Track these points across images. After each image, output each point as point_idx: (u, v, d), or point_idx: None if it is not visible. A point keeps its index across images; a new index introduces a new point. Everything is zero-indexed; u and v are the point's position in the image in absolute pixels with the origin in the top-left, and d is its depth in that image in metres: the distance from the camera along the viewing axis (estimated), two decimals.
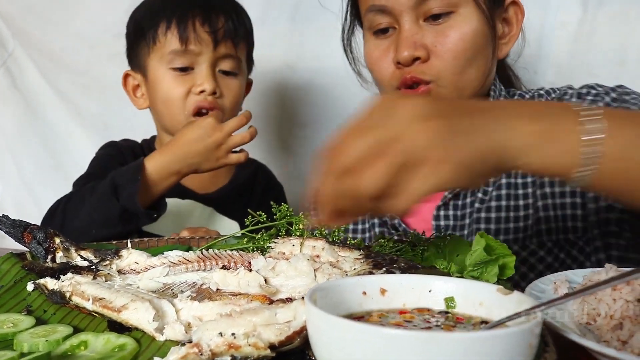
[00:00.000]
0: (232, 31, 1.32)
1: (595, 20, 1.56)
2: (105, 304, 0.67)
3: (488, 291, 0.59)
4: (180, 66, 1.31)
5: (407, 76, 1.07)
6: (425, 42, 1.07)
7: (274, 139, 1.90)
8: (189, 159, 1.20)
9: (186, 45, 1.29)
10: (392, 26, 1.10)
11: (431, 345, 0.43)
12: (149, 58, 1.34)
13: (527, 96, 1.22)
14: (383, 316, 0.59)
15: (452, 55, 1.06)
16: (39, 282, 0.75)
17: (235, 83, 1.36)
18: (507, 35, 1.15)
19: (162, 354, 0.60)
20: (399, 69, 1.09)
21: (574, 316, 0.70)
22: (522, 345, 0.45)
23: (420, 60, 1.07)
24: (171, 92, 1.32)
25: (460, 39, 1.06)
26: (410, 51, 1.06)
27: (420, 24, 1.07)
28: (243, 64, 1.38)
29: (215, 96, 1.32)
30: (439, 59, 1.06)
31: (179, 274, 0.78)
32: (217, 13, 1.31)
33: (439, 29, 1.07)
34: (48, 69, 2.03)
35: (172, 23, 1.29)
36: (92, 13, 1.93)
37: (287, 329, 0.57)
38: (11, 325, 0.67)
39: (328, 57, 1.78)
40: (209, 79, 1.30)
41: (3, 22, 2.06)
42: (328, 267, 0.72)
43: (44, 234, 0.81)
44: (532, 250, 1.11)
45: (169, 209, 1.34)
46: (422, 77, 1.07)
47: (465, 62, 1.07)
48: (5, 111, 2.09)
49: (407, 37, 1.07)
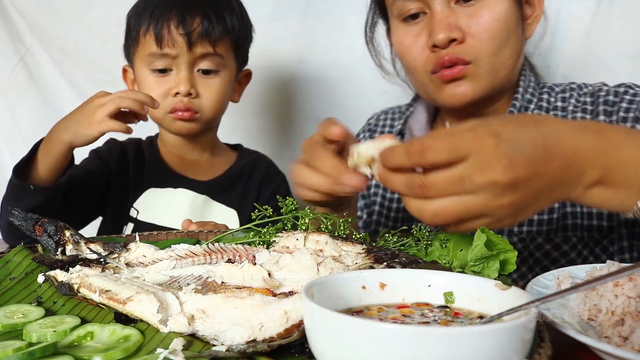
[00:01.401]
0: (209, 31, 1.32)
1: (609, 13, 1.54)
2: (111, 296, 0.68)
3: (486, 286, 0.59)
4: (159, 68, 1.34)
5: (445, 57, 1.07)
6: (459, 23, 1.07)
7: (285, 132, 1.91)
8: (68, 122, 1.19)
9: (162, 47, 1.32)
10: (423, 11, 1.10)
11: (420, 339, 0.43)
12: (135, 57, 1.39)
13: (557, 89, 1.22)
14: (382, 310, 0.60)
15: (488, 35, 1.06)
16: (49, 274, 0.76)
17: (216, 81, 1.38)
18: (531, 16, 1.15)
19: (166, 345, 0.61)
20: (433, 52, 1.08)
21: (576, 312, 0.70)
22: (514, 340, 0.46)
23: (456, 42, 1.06)
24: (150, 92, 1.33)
25: (495, 19, 1.06)
26: (446, 33, 1.05)
27: (452, 6, 1.07)
28: (227, 59, 1.39)
29: (191, 97, 1.35)
30: (475, 40, 1.06)
31: (186, 267, 0.80)
32: (193, 14, 1.32)
33: (472, 10, 1.07)
34: (63, 63, 2.05)
35: (150, 26, 1.32)
36: (105, 8, 1.95)
37: (285, 322, 0.58)
38: (21, 315, 0.69)
39: (339, 51, 1.78)
40: (183, 81, 1.33)
41: (21, 18, 2.09)
42: (331, 261, 0.72)
43: (54, 227, 0.83)
44: (556, 244, 1.12)
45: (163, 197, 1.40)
46: (461, 56, 1.07)
47: (501, 43, 1.08)
48: (22, 105, 2.12)
49: (441, 19, 1.06)
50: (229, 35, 1.36)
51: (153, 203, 1.42)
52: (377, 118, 1.44)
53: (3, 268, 0.80)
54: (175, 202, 1.42)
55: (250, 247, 0.81)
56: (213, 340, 0.62)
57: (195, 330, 0.64)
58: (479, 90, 1.10)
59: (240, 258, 0.79)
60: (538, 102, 1.20)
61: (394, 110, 1.42)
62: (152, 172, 1.45)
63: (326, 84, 1.82)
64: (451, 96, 1.11)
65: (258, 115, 1.90)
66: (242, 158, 1.54)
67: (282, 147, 1.91)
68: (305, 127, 1.88)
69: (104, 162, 1.42)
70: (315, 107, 1.84)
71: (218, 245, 0.82)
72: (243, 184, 1.49)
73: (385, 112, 1.43)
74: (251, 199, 1.46)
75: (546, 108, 1.20)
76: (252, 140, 1.90)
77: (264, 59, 1.80)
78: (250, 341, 0.59)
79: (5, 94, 2.12)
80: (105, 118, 1.16)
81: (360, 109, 1.75)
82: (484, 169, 0.63)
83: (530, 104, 1.19)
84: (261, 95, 1.87)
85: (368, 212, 1.35)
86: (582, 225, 1.11)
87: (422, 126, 1.28)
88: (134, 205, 1.41)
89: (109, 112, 1.16)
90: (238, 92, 1.51)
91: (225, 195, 1.46)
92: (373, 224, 1.33)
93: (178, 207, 1.42)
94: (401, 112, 1.39)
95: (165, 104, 1.35)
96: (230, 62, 1.40)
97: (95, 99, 1.19)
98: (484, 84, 1.10)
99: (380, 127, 1.40)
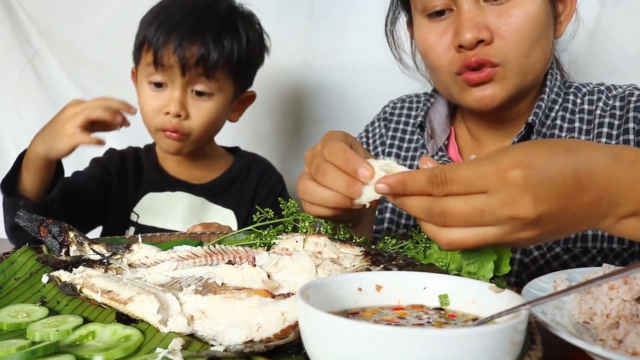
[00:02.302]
0: (205, 58, 1.32)
1: (613, 16, 1.54)
2: (113, 296, 0.70)
3: (480, 289, 0.60)
4: (156, 81, 1.36)
5: (472, 59, 1.01)
6: (488, 23, 1.01)
7: (291, 135, 1.93)
8: (46, 137, 1.19)
9: (157, 68, 1.33)
10: (449, 7, 1.04)
11: (410, 341, 0.44)
12: (138, 65, 1.41)
13: (585, 90, 1.17)
14: (377, 312, 0.60)
15: (518, 36, 1.01)
16: (53, 275, 0.78)
17: (208, 105, 1.37)
18: (562, 14, 1.10)
19: (165, 345, 0.62)
20: (459, 52, 1.03)
21: (572, 315, 0.71)
22: (504, 342, 0.47)
23: (484, 43, 1.01)
24: (145, 107, 1.38)
25: (526, 18, 1.00)
26: (474, 33, 1.00)
27: (481, 4, 1.02)
28: (223, 85, 1.39)
29: (180, 118, 1.35)
30: (504, 41, 1.01)
31: (187, 268, 0.81)
32: (192, 40, 1.32)
33: (502, 9, 1.01)
34: (71, 65, 2.08)
35: (151, 42, 1.33)
36: (112, 10, 1.97)
37: (282, 322, 0.59)
38: (25, 315, 0.71)
39: (344, 54, 1.79)
40: (175, 101, 1.34)
41: (29, 20, 2.11)
42: (329, 263, 0.73)
43: (58, 228, 0.85)
44: (575, 254, 1.09)
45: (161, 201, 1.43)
46: (489, 58, 1.01)
47: (531, 44, 1.02)
48: (30, 106, 2.15)
49: (468, 18, 1.01)
50: (227, 62, 1.36)
51: (152, 207, 1.45)
52: (393, 106, 1.37)
53: (8, 268, 0.82)
54: (173, 205, 1.46)
55: (250, 249, 0.82)
56: (212, 340, 0.63)
57: (195, 331, 0.65)
58: (507, 94, 1.05)
59: (241, 260, 0.80)
60: (563, 102, 1.15)
61: (411, 99, 1.36)
62: (151, 177, 1.49)
63: (332, 86, 1.83)
64: (477, 100, 1.05)
65: (264, 117, 1.92)
66: (239, 160, 1.56)
67: (288, 149, 1.92)
68: (311, 129, 1.89)
69: (105, 169, 1.46)
70: (321, 109, 1.85)
71: (219, 247, 0.83)
72: (239, 186, 1.51)
73: (403, 100, 1.37)
74: (247, 200, 1.49)
75: (571, 110, 1.15)
76: (258, 142, 1.91)
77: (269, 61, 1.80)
78: (248, 341, 0.60)
79: (14, 96, 2.15)
80: (77, 130, 1.15)
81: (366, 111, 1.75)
82: (507, 204, 0.60)
83: (555, 105, 1.14)
84: (267, 98, 1.88)
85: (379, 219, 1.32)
86: (602, 236, 1.07)
87: (442, 119, 1.24)
88: (134, 210, 1.44)
89: (79, 124, 1.16)
90: (238, 112, 1.52)
91: (222, 197, 1.49)
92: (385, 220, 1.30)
93: (176, 210, 1.45)
94: (419, 101, 1.34)
95: (157, 120, 1.37)
96: (226, 87, 1.40)
97: (67, 110, 1.19)
98: (511, 87, 1.04)
99: (397, 117, 1.34)
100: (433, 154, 1.20)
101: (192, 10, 1.37)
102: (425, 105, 1.27)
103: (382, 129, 1.34)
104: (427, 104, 1.27)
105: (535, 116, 1.10)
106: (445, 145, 1.21)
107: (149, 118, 1.38)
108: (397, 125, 1.33)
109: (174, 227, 1.41)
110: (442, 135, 1.22)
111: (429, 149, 1.20)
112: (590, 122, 1.14)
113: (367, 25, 1.73)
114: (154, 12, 1.39)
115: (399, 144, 1.31)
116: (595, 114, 1.14)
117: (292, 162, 1.87)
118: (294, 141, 1.92)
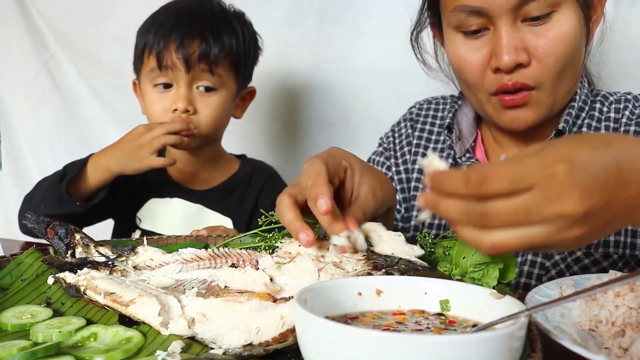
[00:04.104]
0: (207, 53, 1.37)
1: (628, 18, 1.52)
2: (115, 298, 0.70)
3: (482, 295, 0.59)
4: (161, 83, 1.40)
5: (509, 83, 1.02)
6: (526, 45, 1.00)
7: (300, 138, 1.92)
8: (117, 156, 1.35)
9: (161, 69, 1.38)
10: (485, 27, 1.03)
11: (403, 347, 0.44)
12: (140, 72, 1.45)
13: (612, 98, 1.17)
14: (377, 317, 0.60)
15: (554, 59, 1.01)
16: (59, 276, 0.78)
17: (214, 99, 1.42)
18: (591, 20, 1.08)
19: (166, 347, 0.63)
20: (496, 73, 1.03)
21: (577, 322, 0.70)
22: (500, 350, 0.46)
23: (522, 66, 1.01)
24: (152, 109, 1.43)
25: (562, 40, 1.00)
26: (513, 57, 0.99)
27: (518, 25, 1.00)
28: (226, 79, 1.43)
29: (189, 114, 1.39)
30: (541, 64, 1.01)
31: (191, 271, 0.81)
32: (192, 37, 1.37)
33: (539, 31, 1.00)
34: (85, 69, 2.10)
35: (152, 46, 1.38)
36: (126, 14, 1.98)
37: (281, 326, 0.59)
38: (30, 316, 0.71)
39: (354, 57, 1.79)
40: (182, 98, 1.39)
41: (45, 24, 2.14)
42: (331, 267, 0.73)
43: (65, 230, 0.86)
44: (595, 259, 1.08)
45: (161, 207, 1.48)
46: (526, 81, 1.02)
47: (565, 65, 1.02)
48: (45, 110, 2.18)
49: (508, 41, 1.00)
50: (228, 56, 1.41)
51: (152, 212, 1.49)
52: (419, 107, 1.36)
53: (15, 270, 0.83)
54: (170, 212, 1.48)
55: (253, 252, 0.82)
56: (212, 343, 0.63)
57: (195, 333, 0.65)
58: (540, 116, 1.05)
59: (244, 263, 0.80)
60: (590, 110, 1.15)
61: (437, 101, 1.36)
62: (155, 182, 1.51)
63: (341, 90, 1.82)
64: (512, 122, 1.06)
65: (273, 120, 1.92)
66: (243, 167, 1.57)
67: (296, 152, 1.92)
68: (320, 132, 1.89)
69: None
70: (330, 113, 1.85)
71: (223, 250, 0.83)
72: (240, 193, 1.52)
73: (429, 101, 1.37)
74: (248, 208, 1.50)
75: (598, 118, 1.15)
76: (267, 145, 1.92)
77: (279, 64, 1.81)
78: (247, 345, 0.60)
79: (29, 99, 2.18)
80: (153, 155, 1.34)
81: (376, 114, 1.75)
82: (554, 200, 0.56)
83: (582, 112, 1.14)
84: (276, 101, 1.88)
85: (406, 207, 1.30)
86: (625, 242, 1.07)
87: (469, 122, 1.24)
88: (138, 214, 1.47)
89: (155, 150, 1.34)
90: (241, 109, 1.56)
91: (221, 204, 1.50)
92: (412, 219, 1.29)
93: (172, 216, 1.48)
94: (445, 103, 1.33)
95: (166, 118, 1.40)
96: (229, 81, 1.45)
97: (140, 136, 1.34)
98: (544, 109, 1.05)
99: (423, 117, 1.34)
100: (461, 155, 1.20)
101: (186, 12, 1.42)
102: (452, 107, 1.27)
103: (409, 129, 1.34)
104: (454, 106, 1.28)
105: (565, 123, 1.11)
106: (472, 147, 1.22)
107: (157, 118, 1.41)
108: (423, 125, 1.32)
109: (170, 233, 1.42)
110: (470, 137, 1.22)
111: (457, 150, 1.21)
112: (616, 130, 1.14)
113: (377, 28, 1.73)
114: (149, 20, 1.44)
115: (425, 144, 1.30)
116: (621, 122, 1.14)
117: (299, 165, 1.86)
118: (302, 144, 1.91)
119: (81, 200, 1.35)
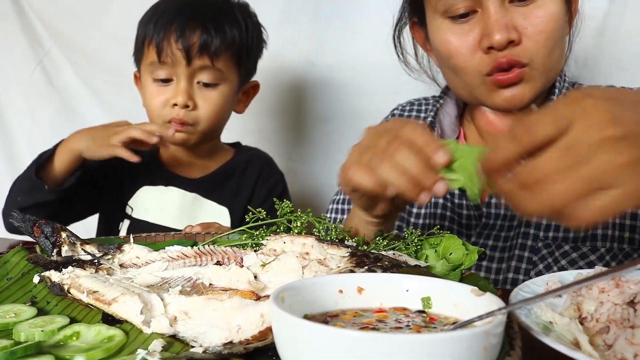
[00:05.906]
0: (208, 44, 1.35)
1: (622, 12, 1.51)
2: (98, 296, 0.70)
3: (463, 292, 0.59)
4: (161, 77, 1.38)
5: (502, 60, 1.02)
6: (515, 24, 1.02)
7: (296, 134, 1.92)
8: (84, 137, 1.34)
9: (161, 60, 1.36)
10: (473, 9, 1.05)
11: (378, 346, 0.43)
12: (141, 64, 1.43)
13: None
14: (358, 315, 0.60)
15: (544, 36, 1.03)
16: (44, 275, 0.78)
17: (214, 94, 1.40)
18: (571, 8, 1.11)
19: (147, 346, 0.62)
20: (488, 53, 1.04)
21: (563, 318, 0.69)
22: (476, 348, 0.46)
23: (513, 44, 1.02)
24: (151, 102, 1.41)
25: (550, 18, 1.03)
26: (504, 34, 1.01)
27: (506, 5, 1.03)
28: (227, 74, 1.41)
29: (188, 109, 1.38)
30: (531, 41, 1.03)
31: (177, 269, 0.81)
32: (193, 27, 1.35)
33: (527, 10, 1.03)
34: (81, 67, 2.10)
35: (152, 37, 1.36)
36: (122, 12, 1.98)
37: (261, 324, 0.59)
38: (13, 315, 0.71)
39: (349, 53, 1.79)
40: (181, 92, 1.37)
41: (39, 22, 2.14)
42: (315, 265, 0.73)
43: (51, 228, 0.85)
44: (583, 253, 1.09)
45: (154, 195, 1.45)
46: (518, 59, 1.03)
47: (554, 43, 1.04)
48: (41, 108, 2.17)
49: (497, 19, 1.01)
50: (230, 48, 1.38)
51: (145, 201, 1.46)
52: (402, 109, 1.38)
53: (1, 268, 0.82)
54: (165, 201, 1.46)
55: (239, 250, 0.82)
56: (192, 341, 0.63)
57: (177, 332, 0.65)
58: (534, 93, 1.06)
59: (229, 260, 0.79)
60: None
61: (420, 102, 1.37)
62: (147, 170, 1.48)
63: (337, 86, 1.82)
64: (507, 101, 1.06)
65: (270, 116, 1.92)
66: (238, 155, 1.55)
67: (294, 148, 1.92)
68: (316, 128, 1.89)
69: None
70: (326, 109, 1.85)
71: (209, 248, 0.83)
72: (236, 181, 1.50)
73: (411, 103, 1.38)
74: (244, 197, 1.48)
75: None
76: (264, 141, 1.91)
77: (275, 60, 1.81)
78: (227, 343, 0.60)
79: (26, 97, 2.18)
80: (118, 144, 1.31)
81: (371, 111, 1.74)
82: (593, 126, 0.59)
83: None
84: (272, 97, 1.88)
85: None
86: (612, 236, 1.08)
87: (451, 120, 1.25)
88: (129, 203, 1.45)
89: (122, 140, 1.31)
90: (244, 104, 1.54)
91: (217, 193, 1.48)
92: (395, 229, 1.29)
93: (168, 206, 1.45)
94: (428, 103, 1.34)
95: (164, 113, 1.39)
96: (231, 76, 1.42)
97: (115, 125, 1.35)
98: (538, 87, 1.07)
99: (406, 118, 1.34)
100: None
101: (188, 2, 1.40)
102: (434, 107, 1.28)
103: None
104: (436, 105, 1.28)
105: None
106: None
107: (157, 111, 1.40)
108: None
109: (166, 223, 1.42)
110: (452, 135, 1.23)
111: None
112: None
113: (372, 25, 1.72)
114: (150, 11, 1.42)
115: None
116: None
117: (296, 161, 1.87)
118: (299, 140, 1.91)
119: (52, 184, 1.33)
